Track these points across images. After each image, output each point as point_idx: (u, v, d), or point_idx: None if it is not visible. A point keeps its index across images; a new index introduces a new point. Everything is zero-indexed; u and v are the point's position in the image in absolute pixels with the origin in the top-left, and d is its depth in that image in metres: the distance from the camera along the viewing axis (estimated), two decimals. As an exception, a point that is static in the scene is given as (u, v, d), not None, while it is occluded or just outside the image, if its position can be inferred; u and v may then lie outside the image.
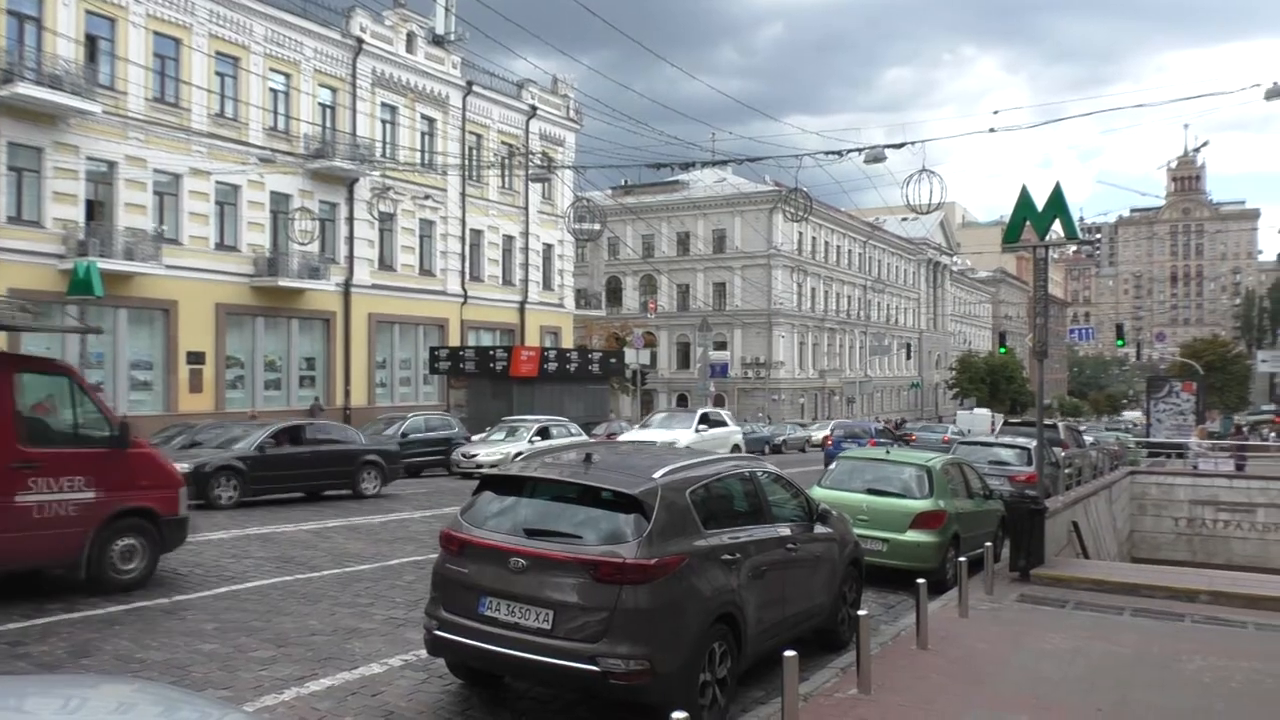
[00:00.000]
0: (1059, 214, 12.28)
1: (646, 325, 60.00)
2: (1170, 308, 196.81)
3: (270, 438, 17.50)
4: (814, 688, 7.02)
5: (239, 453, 16.95)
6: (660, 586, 5.94)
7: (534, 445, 23.19)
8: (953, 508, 12.14)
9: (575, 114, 45.97)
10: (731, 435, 27.81)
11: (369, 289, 35.09)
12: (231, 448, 17.19)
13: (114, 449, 9.49)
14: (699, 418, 27.23)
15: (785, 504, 8.18)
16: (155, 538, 9.85)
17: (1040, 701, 7.10)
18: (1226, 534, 25.30)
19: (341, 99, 34.03)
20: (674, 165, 24.52)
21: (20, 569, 9.10)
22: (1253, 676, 7.97)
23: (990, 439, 23.17)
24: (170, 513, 9.98)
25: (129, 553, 9.59)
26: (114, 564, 9.44)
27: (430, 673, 7.15)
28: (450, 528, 6.55)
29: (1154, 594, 11.53)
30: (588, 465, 6.74)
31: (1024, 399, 78.51)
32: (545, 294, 44.54)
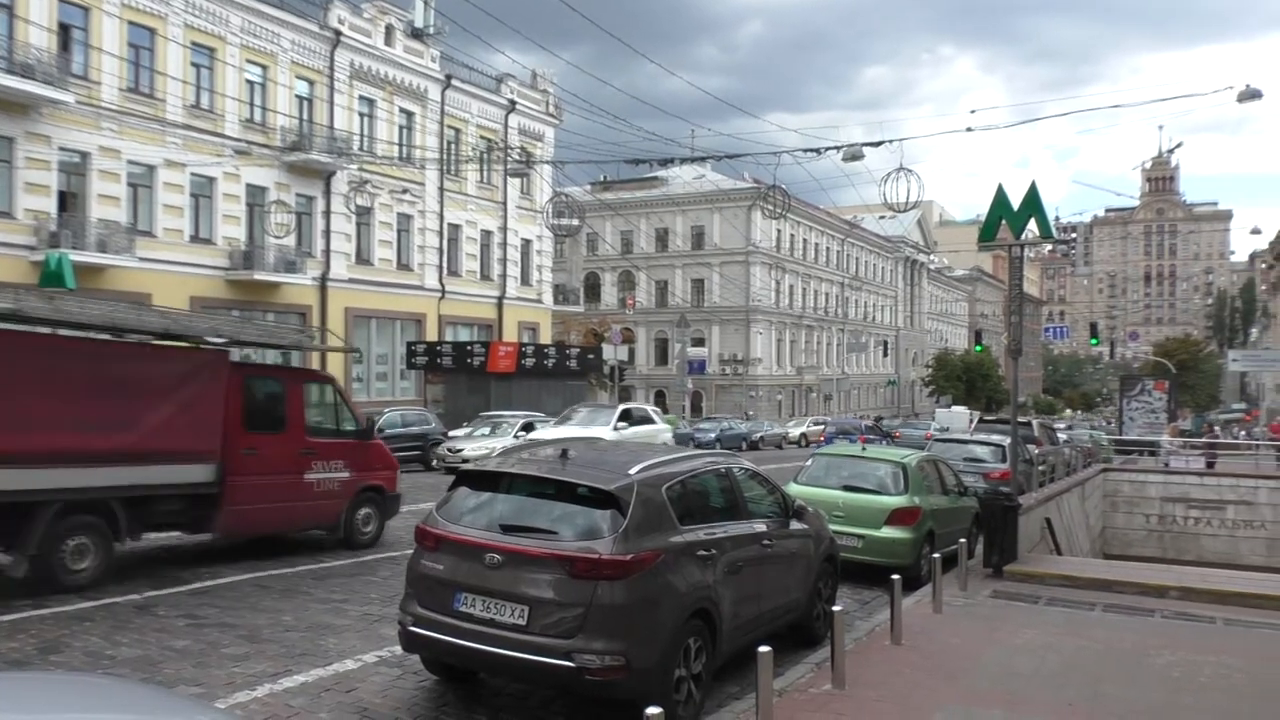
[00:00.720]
0: (1034, 213, 12.37)
1: (625, 321, 59.98)
2: (1144, 307, 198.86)
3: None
4: (789, 683, 7.05)
5: None
6: (636, 582, 5.94)
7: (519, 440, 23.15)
8: (928, 504, 12.23)
9: (555, 109, 45.85)
10: (658, 433, 25.28)
11: (346, 283, 34.87)
12: None
13: (360, 440, 12.46)
14: (619, 414, 25.19)
15: (761, 500, 8.21)
16: (383, 508, 12.65)
17: (1013, 696, 7.16)
18: (1197, 531, 25.62)
19: (319, 91, 33.78)
20: (653, 161, 24.50)
21: (302, 531, 12.01)
22: (1220, 671, 8.07)
23: (965, 436, 23.33)
24: (392, 490, 12.88)
25: (367, 519, 12.38)
26: (359, 528, 12.18)
27: (405, 669, 7.12)
28: (426, 523, 6.54)
29: (1125, 590, 11.66)
30: (564, 461, 6.74)
31: (999, 397, 79.07)
32: (523, 289, 44.44)
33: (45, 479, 8.95)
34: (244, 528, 11.11)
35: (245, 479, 10.67)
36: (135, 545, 10.45)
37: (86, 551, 9.35)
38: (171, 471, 10.05)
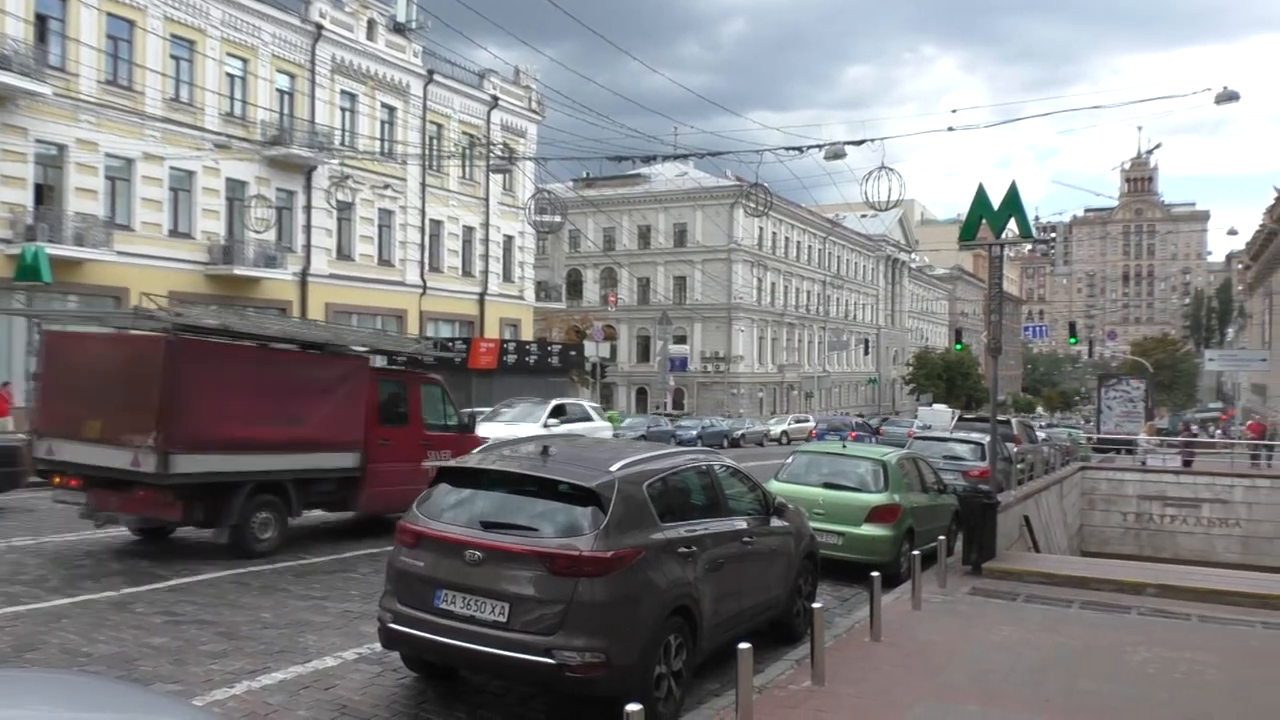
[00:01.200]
0: (1014, 213, 12.44)
1: (607, 318, 60.02)
2: (1122, 306, 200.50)
3: None
4: (768, 680, 7.07)
5: None
6: (617, 579, 5.95)
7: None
8: (907, 502, 12.30)
9: (537, 105, 45.74)
10: (594, 431, 23.34)
11: (326, 278, 34.68)
12: None
13: (462, 432, 14.45)
14: (550, 409, 23.85)
15: (742, 497, 8.24)
16: None
17: (990, 692, 7.21)
18: (1173, 529, 25.87)
19: (300, 85, 33.57)
20: (635, 158, 24.44)
21: None
22: (1195, 667, 8.15)
23: (945, 434, 23.45)
24: None
25: None
26: None
27: (385, 666, 7.10)
28: (406, 520, 6.52)
29: (1102, 587, 11.76)
30: (545, 458, 6.74)
31: (979, 395, 79.56)
32: (505, 286, 44.34)
33: (244, 464, 10.90)
34: (379, 507, 12.69)
35: (381, 465, 12.54)
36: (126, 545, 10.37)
37: (270, 524, 11.27)
38: (329, 458, 11.96)
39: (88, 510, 11.02)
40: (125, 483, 10.36)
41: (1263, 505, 25.10)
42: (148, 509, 10.65)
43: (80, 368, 10.92)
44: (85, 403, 10.56)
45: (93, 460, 10.45)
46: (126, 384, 10.38)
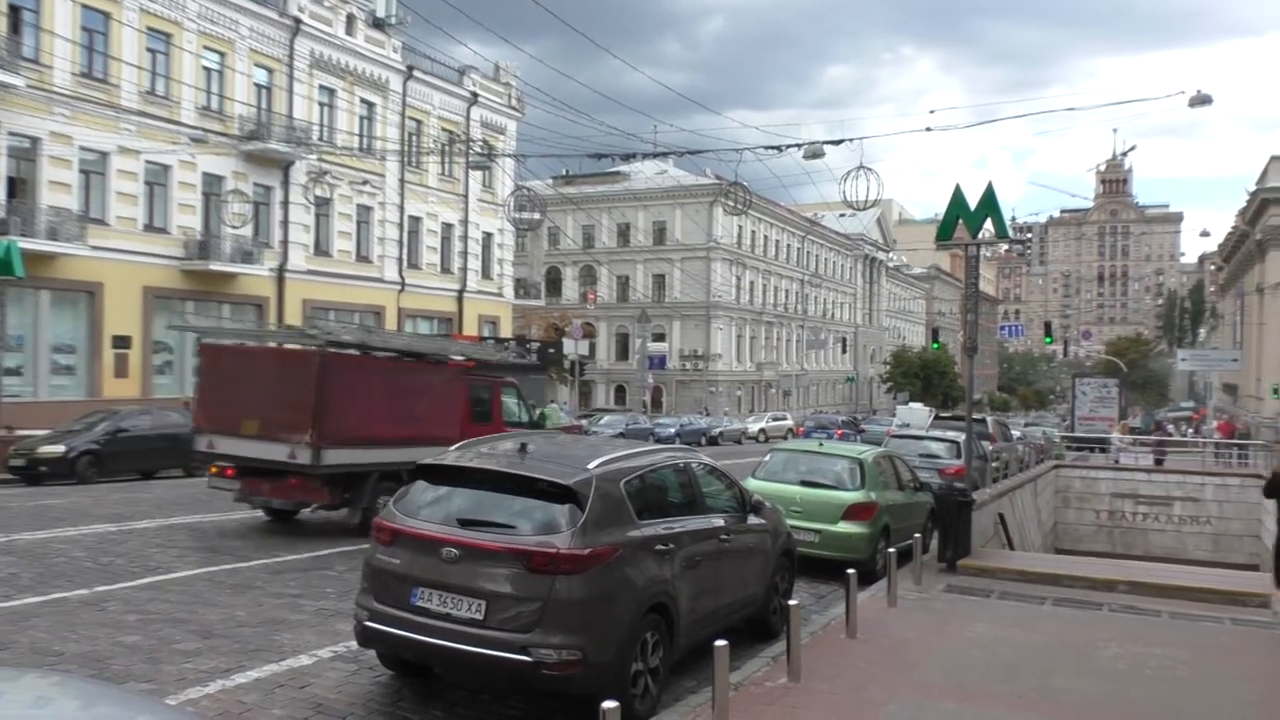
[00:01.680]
0: (990, 213, 12.53)
1: (586, 316, 59.97)
2: (1097, 306, 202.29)
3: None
4: (745, 677, 7.10)
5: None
6: (594, 577, 5.96)
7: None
8: (884, 500, 12.36)
9: (517, 102, 45.62)
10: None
11: (304, 274, 34.47)
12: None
13: (533, 428, 16.05)
14: None
15: (719, 495, 8.26)
16: None
17: (964, 689, 7.27)
18: (1145, 526, 26.15)
19: (278, 80, 33.33)
20: (615, 156, 24.43)
21: None
22: (1165, 663, 8.25)
23: (922, 432, 23.59)
24: None
25: None
26: None
27: (361, 664, 7.08)
28: (383, 517, 6.50)
29: (1074, 584, 11.87)
30: (523, 455, 6.74)
31: (956, 393, 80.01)
32: (484, 283, 44.21)
33: (373, 456, 12.61)
34: None
35: None
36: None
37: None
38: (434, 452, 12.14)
39: (242, 495, 12.87)
40: (278, 472, 12.12)
41: (1233, 503, 25.41)
42: (298, 495, 12.39)
43: (236, 375, 12.85)
44: (242, 405, 12.34)
45: (250, 453, 12.29)
46: (283, 389, 12.19)
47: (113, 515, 13.78)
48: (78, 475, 18.63)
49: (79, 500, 15.51)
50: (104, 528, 12.65)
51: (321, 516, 14.25)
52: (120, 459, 19.69)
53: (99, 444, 19.39)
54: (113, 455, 19.50)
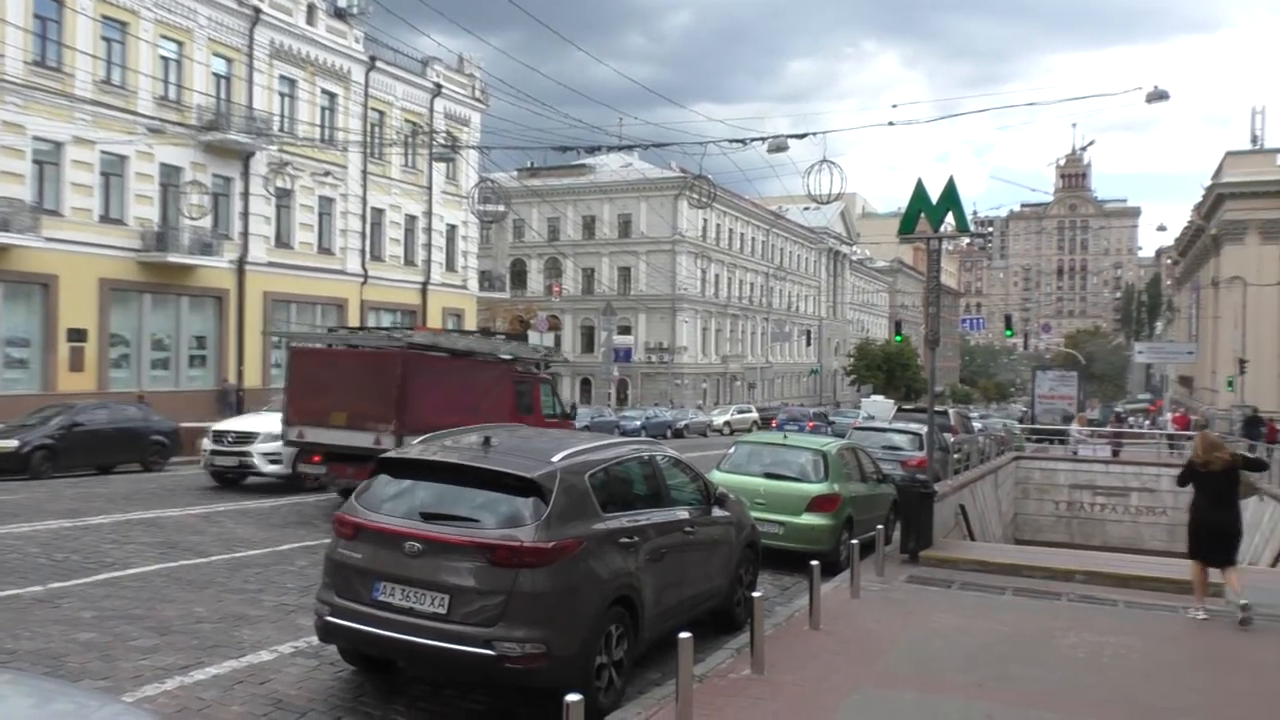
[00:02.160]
0: (952, 207, 12.64)
1: (551, 308, 59.78)
2: (1056, 300, 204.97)
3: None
4: (709, 669, 7.12)
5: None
6: (558, 570, 5.95)
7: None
8: (847, 491, 12.44)
9: (481, 94, 45.35)
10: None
11: (265, 267, 34.06)
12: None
13: (566, 419, 18.76)
14: None
15: (684, 488, 8.28)
16: None
17: (926, 678, 7.35)
18: (1103, 517, 26.56)
19: (237, 70, 32.86)
20: (580, 149, 24.41)
21: None
22: (1120, 651, 8.38)
23: (884, 424, 23.79)
24: None
25: None
26: None
27: (322, 660, 7.02)
28: (344, 511, 6.45)
29: (1033, 574, 12.03)
30: (486, 448, 6.71)
31: (918, 386, 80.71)
32: (448, 275, 43.95)
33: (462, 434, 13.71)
34: None
35: None
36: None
37: None
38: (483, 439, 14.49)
39: (329, 478, 14.35)
40: (361, 457, 12.78)
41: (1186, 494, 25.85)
42: None
43: (325, 373, 14.52)
44: (330, 398, 13.98)
45: (338, 441, 13.85)
46: (369, 385, 13.86)
47: (68, 511, 13.56)
48: (32, 470, 18.29)
49: (33, 496, 15.24)
50: (59, 523, 12.44)
51: (288, 511, 14.14)
52: (76, 454, 19.35)
53: (54, 438, 19.03)
54: (68, 450, 19.16)
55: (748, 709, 6.31)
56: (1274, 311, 51.59)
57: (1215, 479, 10.05)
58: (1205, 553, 10.10)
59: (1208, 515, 10.04)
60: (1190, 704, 6.98)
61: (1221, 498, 10.02)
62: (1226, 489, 10.03)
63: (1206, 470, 10.07)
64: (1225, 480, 10.03)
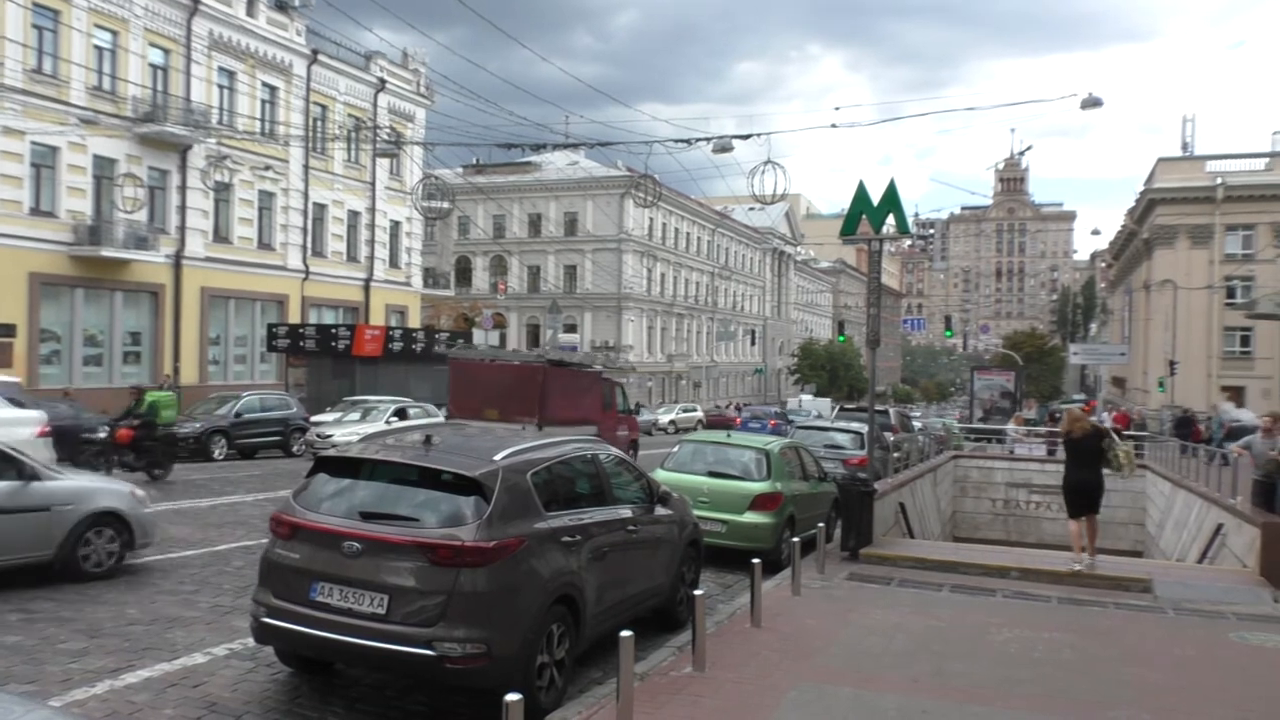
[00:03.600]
0: (893, 209, 12.78)
1: (496, 306, 59.44)
2: (995, 301, 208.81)
3: None
4: (650, 667, 7.14)
5: None
6: (499, 569, 5.93)
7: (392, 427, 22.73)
8: (789, 490, 12.56)
9: (426, 90, 44.93)
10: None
11: (202, 262, 33.40)
12: None
13: (630, 414, 24.83)
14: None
15: (627, 486, 8.30)
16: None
17: (863, 674, 7.44)
18: (1038, 514, 27.08)
19: (175, 61, 32.16)
20: (525, 146, 24.27)
21: None
22: (1053, 646, 8.57)
23: (826, 423, 24.05)
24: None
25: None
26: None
27: (258, 661, 6.91)
28: (281, 510, 6.35)
29: (970, 571, 12.23)
30: (428, 447, 6.66)
31: (861, 385, 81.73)
32: (392, 272, 43.49)
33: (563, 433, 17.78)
34: None
35: (603, 432, 19.31)
36: None
37: None
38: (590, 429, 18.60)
39: None
40: None
41: (1118, 492, 26.43)
42: None
43: (479, 380, 19.35)
44: (484, 399, 18.35)
45: None
46: (517, 389, 18.67)
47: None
48: None
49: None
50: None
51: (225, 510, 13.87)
52: None
53: None
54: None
55: (688, 706, 6.34)
56: (1203, 314, 53.13)
57: (1078, 445, 12.08)
58: (1073, 506, 12.22)
59: (1074, 475, 12.16)
60: (1121, 697, 7.16)
61: (1083, 460, 12.03)
62: (1087, 454, 11.99)
63: (1070, 438, 12.14)
64: (1086, 447, 12.00)
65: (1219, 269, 53.12)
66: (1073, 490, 12.24)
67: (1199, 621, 9.98)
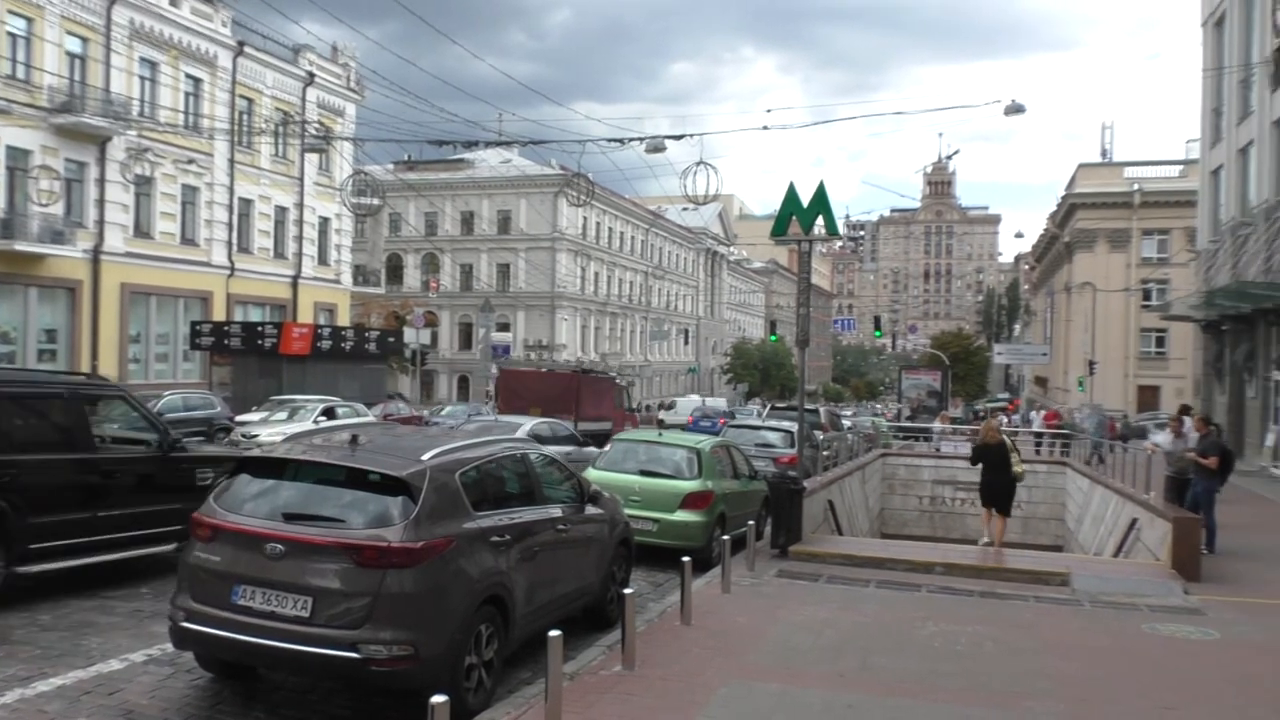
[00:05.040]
0: (822, 211, 12.94)
1: (428, 304, 58.82)
2: (923, 302, 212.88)
3: None
4: (580, 666, 7.14)
5: None
6: (426, 570, 5.88)
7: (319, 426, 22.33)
8: (720, 488, 12.65)
9: (356, 85, 44.25)
10: None
11: (122, 257, 32.47)
12: None
13: (633, 412, 35.70)
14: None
15: (558, 486, 8.28)
16: None
17: (792, 670, 7.53)
18: (963, 511, 27.61)
19: (94, 50, 31.20)
20: (457, 143, 24.05)
21: None
22: (975, 639, 8.77)
23: (758, 422, 24.27)
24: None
25: None
26: None
27: (177, 667, 6.75)
28: (202, 512, 6.21)
29: (896, 567, 12.45)
30: (354, 447, 6.58)
31: (793, 384, 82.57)
32: (321, 269, 42.77)
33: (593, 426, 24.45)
34: None
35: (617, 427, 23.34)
36: None
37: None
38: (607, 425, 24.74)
39: None
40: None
41: (1040, 489, 27.16)
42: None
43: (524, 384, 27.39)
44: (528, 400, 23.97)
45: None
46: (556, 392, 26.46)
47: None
48: None
49: None
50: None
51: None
52: None
53: None
54: None
55: (617, 705, 6.36)
56: (1120, 316, 54.83)
57: (991, 453, 14.42)
58: (986, 500, 14.72)
59: (989, 477, 14.49)
60: (1038, 688, 7.35)
61: (995, 466, 14.28)
62: (998, 459, 14.27)
63: (985, 446, 14.64)
64: (997, 454, 14.32)
65: (1136, 272, 54.92)
66: (989, 489, 14.68)
67: (1114, 613, 10.29)
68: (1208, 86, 33.40)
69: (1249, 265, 26.90)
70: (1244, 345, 28.15)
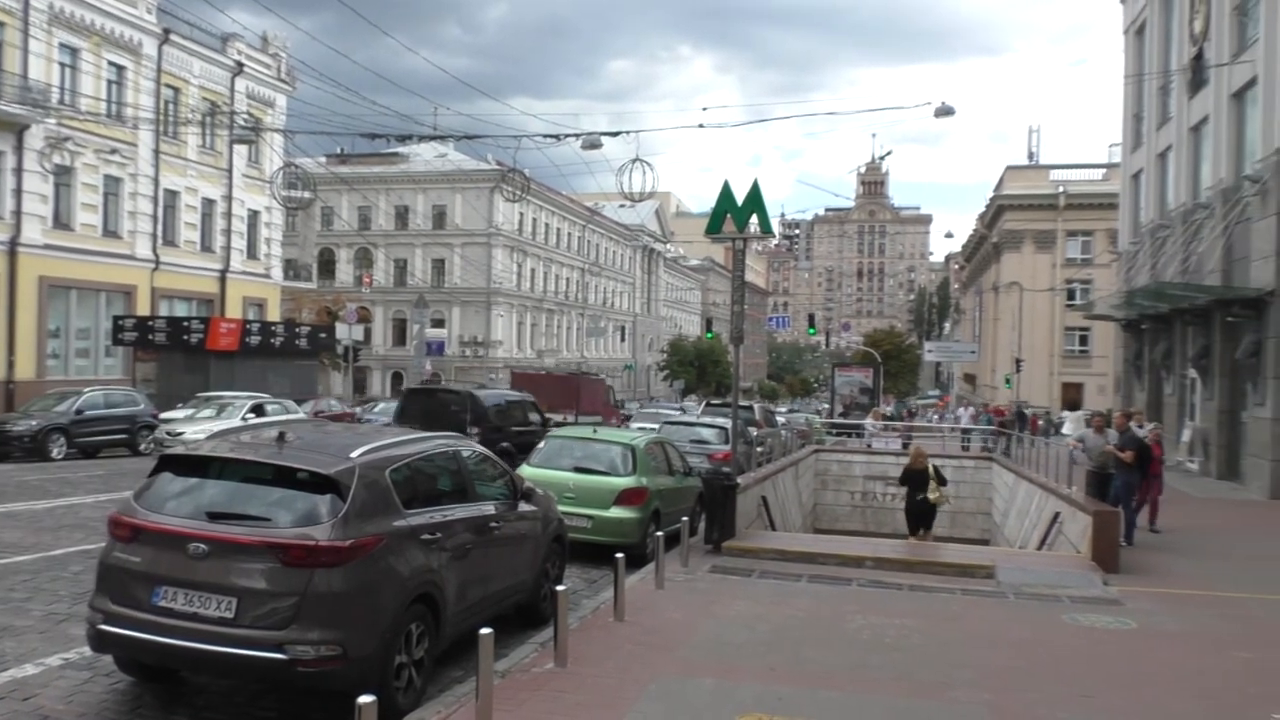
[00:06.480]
0: (756, 209, 13.05)
1: (361, 300, 57.95)
2: (856, 300, 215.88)
3: None
4: (512, 664, 7.11)
5: None
6: (355, 569, 5.80)
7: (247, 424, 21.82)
8: (654, 485, 12.70)
9: (287, 76, 43.37)
10: None
11: (40, 249, 31.40)
12: None
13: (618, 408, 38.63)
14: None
15: (490, 483, 8.24)
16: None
17: (724, 665, 7.59)
18: (894, 506, 28.01)
19: (10, 35, 30.11)
20: (391, 137, 23.72)
21: None
22: (903, 632, 8.93)
23: (693, 419, 24.40)
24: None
25: None
26: None
27: (95, 671, 6.57)
28: (121, 512, 6.06)
29: (828, 561, 12.62)
30: (281, 444, 6.46)
31: (728, 381, 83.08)
32: (250, 263, 41.87)
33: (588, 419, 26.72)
34: None
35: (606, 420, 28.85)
36: None
37: None
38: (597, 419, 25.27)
39: None
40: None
41: (967, 484, 27.75)
42: None
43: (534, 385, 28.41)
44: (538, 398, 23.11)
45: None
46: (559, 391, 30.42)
47: None
48: None
49: None
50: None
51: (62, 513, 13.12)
52: None
53: None
54: None
55: (549, 702, 6.34)
56: (1046, 315, 56.22)
57: (916, 476, 15.54)
58: (911, 525, 15.77)
59: (912, 500, 15.57)
60: (962, 678, 7.51)
61: (919, 488, 15.40)
62: (921, 483, 15.40)
63: (911, 470, 15.66)
64: (921, 478, 15.44)
65: (1061, 272, 56.39)
66: (911, 512, 15.62)
67: (1036, 605, 10.56)
68: (1129, 92, 34.39)
69: (1167, 266, 27.77)
70: (1162, 344, 29.04)
